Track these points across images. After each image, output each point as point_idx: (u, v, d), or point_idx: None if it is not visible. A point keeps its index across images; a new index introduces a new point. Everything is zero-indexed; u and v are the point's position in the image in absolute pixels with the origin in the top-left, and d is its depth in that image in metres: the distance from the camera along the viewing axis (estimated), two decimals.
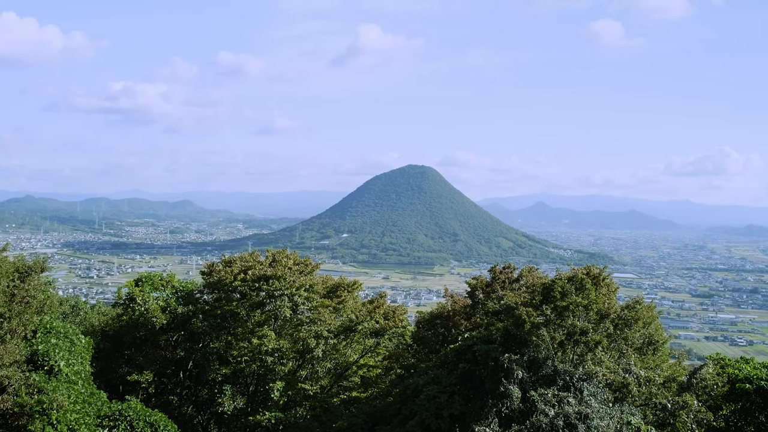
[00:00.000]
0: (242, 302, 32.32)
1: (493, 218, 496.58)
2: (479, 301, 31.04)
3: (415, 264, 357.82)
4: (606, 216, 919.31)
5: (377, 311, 33.92)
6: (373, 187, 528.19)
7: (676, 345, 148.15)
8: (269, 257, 34.10)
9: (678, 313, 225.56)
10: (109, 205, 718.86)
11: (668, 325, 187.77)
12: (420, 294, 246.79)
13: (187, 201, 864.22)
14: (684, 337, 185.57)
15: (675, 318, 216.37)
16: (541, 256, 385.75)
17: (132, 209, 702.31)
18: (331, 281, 35.95)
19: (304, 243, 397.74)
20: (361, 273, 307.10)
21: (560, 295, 24.03)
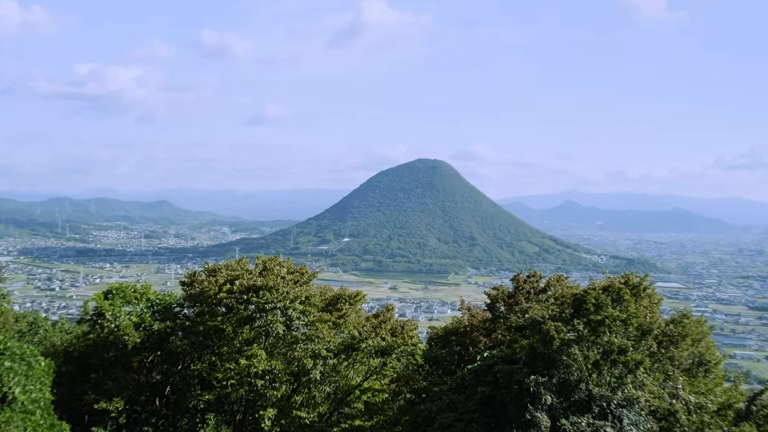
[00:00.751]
0: (228, 317, 32.30)
1: (515, 219, 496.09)
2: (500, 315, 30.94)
3: (427, 272, 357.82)
4: (645, 216, 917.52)
5: (383, 327, 33.84)
6: (378, 184, 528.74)
7: (731, 366, 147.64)
8: (259, 265, 34.07)
9: (733, 329, 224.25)
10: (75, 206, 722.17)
11: (722, 342, 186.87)
12: (432, 307, 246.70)
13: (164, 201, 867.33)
14: (741, 356, 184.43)
15: (729, 334, 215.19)
16: (571, 263, 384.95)
17: (101, 210, 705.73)
18: (331, 292, 35.88)
19: (300, 248, 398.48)
20: (364, 283, 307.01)
21: (594, 307, 23.89)
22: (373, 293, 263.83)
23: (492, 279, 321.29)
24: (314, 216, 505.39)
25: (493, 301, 31.98)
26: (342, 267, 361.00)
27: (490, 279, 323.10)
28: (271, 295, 31.33)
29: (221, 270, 33.58)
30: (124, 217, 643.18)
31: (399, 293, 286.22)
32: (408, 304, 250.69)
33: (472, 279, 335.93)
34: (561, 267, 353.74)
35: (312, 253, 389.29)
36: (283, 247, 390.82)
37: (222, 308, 32.66)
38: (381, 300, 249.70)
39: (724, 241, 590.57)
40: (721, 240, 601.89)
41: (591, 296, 24.30)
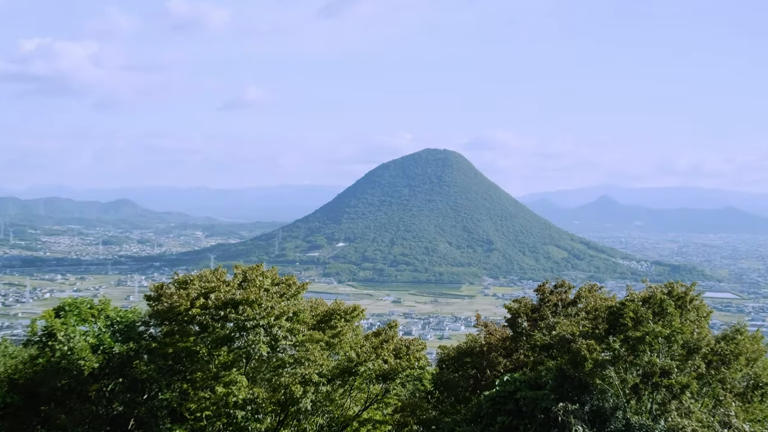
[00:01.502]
0: (202, 337, 32.34)
1: (540, 220, 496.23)
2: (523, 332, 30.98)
3: (436, 282, 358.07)
4: (694, 215, 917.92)
5: (385, 347, 33.87)
6: (379, 179, 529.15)
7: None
8: (238, 276, 34.10)
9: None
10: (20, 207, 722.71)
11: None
12: (443, 323, 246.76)
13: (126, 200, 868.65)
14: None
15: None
16: (605, 270, 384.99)
17: (51, 213, 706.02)
18: (323, 307, 35.90)
19: (286, 255, 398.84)
20: (363, 295, 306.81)
21: (633, 322, 23.92)
22: (373, 307, 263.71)
23: (513, 290, 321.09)
24: (303, 217, 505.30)
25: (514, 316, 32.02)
26: (336, 277, 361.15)
27: (511, 290, 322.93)
28: (252, 310, 31.36)
29: (194, 282, 33.62)
30: (79, 220, 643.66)
31: (403, 307, 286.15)
32: (414, 320, 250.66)
33: (489, 290, 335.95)
34: (594, 275, 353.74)
35: (301, 261, 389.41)
36: (267, 254, 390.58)
37: (195, 327, 32.68)
38: (382, 315, 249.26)
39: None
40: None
41: (629, 309, 24.32)
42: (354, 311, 35.48)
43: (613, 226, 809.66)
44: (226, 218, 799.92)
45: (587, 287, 32.08)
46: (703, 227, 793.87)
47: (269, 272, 34.52)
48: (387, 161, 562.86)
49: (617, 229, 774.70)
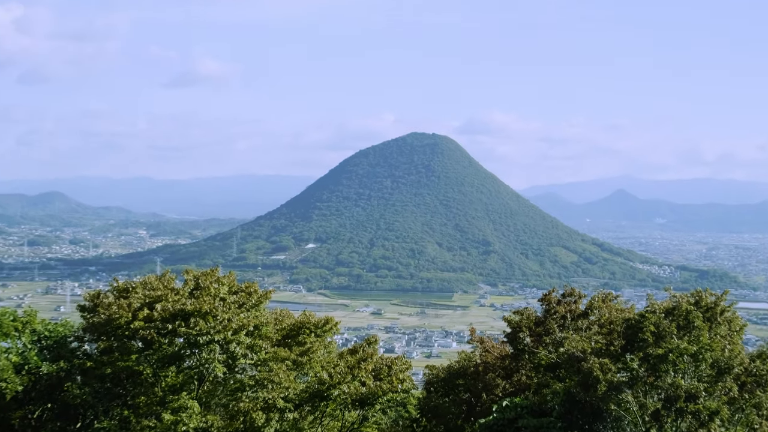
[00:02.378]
0: (146, 355, 32.21)
1: (546, 217, 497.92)
2: (525, 349, 31.08)
3: (424, 291, 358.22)
4: (725, 212, 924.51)
5: (363, 366, 33.87)
6: (356, 169, 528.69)
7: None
8: (190, 282, 33.98)
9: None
10: None
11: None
12: (431, 338, 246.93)
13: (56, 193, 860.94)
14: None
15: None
16: (622, 276, 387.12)
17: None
18: (290, 319, 35.86)
19: (246, 259, 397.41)
20: (337, 305, 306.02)
21: (654, 337, 24.05)
22: (349, 320, 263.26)
23: (513, 299, 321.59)
24: (266, 213, 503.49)
25: (514, 330, 32.10)
26: (306, 284, 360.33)
27: (511, 299, 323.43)
28: (206, 323, 31.27)
29: (136, 289, 33.46)
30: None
31: (385, 320, 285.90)
32: (398, 335, 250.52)
33: (486, 299, 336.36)
34: (609, 282, 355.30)
35: (264, 265, 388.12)
36: (223, 257, 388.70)
37: (137, 343, 32.55)
38: (360, 330, 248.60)
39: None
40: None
41: (649, 322, 24.44)
42: (326, 324, 35.45)
43: (631, 225, 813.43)
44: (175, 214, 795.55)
45: (601, 296, 32.25)
46: (736, 226, 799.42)
47: (226, 278, 34.43)
48: (365, 147, 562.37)
49: (636, 228, 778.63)
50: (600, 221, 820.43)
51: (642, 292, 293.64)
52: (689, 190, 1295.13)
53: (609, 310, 30.67)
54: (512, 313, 33.80)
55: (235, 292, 34.01)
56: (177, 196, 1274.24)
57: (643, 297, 30.94)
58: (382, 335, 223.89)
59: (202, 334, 31.20)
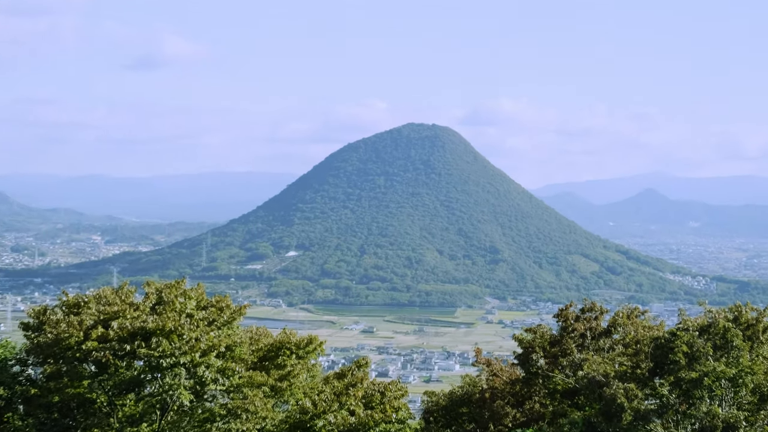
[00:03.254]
0: (101, 380, 32.09)
1: (563, 220, 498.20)
2: (539, 372, 31.01)
3: (422, 305, 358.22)
4: None
5: (352, 393, 33.78)
6: (344, 165, 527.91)
7: None
8: (151, 296, 33.87)
9: None
10: None
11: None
12: (430, 360, 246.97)
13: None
14: None
15: None
16: (650, 289, 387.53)
17: None
18: (268, 339, 35.76)
19: (217, 269, 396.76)
20: (322, 322, 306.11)
21: (687, 359, 24.01)
22: (337, 339, 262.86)
23: (525, 315, 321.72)
24: (240, 216, 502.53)
25: (526, 351, 32.05)
26: (286, 298, 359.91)
27: (523, 315, 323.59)
28: (170, 344, 31.17)
29: (89, 304, 33.33)
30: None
31: (377, 339, 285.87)
32: (392, 357, 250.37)
33: (493, 315, 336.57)
34: (635, 295, 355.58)
35: (238, 276, 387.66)
36: (191, 267, 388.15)
37: (90, 366, 32.41)
38: (348, 350, 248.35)
39: None
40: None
41: (681, 341, 24.41)
42: (309, 344, 35.38)
43: (661, 229, 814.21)
44: (135, 217, 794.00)
45: (626, 312, 32.24)
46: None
47: (193, 291, 34.32)
48: (355, 140, 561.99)
49: (666, 232, 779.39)
50: (625, 225, 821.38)
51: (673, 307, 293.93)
52: (728, 190, 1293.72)
53: (635, 328, 30.66)
54: (524, 331, 33.79)
55: (204, 308, 33.91)
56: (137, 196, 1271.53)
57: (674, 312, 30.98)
58: (373, 357, 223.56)
59: (166, 356, 31.09)
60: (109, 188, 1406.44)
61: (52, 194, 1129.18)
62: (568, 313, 32.63)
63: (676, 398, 24.00)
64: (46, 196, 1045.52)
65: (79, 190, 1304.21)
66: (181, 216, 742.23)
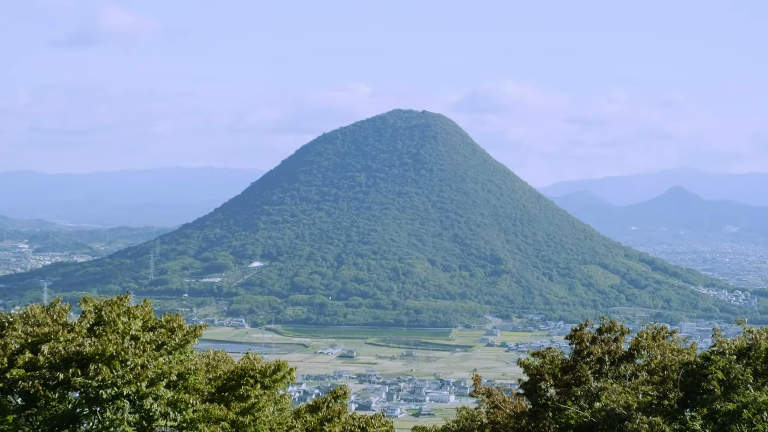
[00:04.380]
0: (28, 415, 32.03)
1: (577, 224, 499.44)
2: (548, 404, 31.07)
3: (411, 325, 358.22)
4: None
5: (328, 429, 33.79)
6: (319, 159, 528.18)
7: None
8: (89, 315, 33.77)
9: None
10: None
11: None
12: (421, 389, 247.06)
13: None
14: None
15: None
16: (680, 305, 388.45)
17: None
18: (228, 365, 35.73)
19: (168, 282, 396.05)
20: (292, 345, 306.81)
21: (722, 387, 24.08)
22: (310, 365, 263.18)
23: (533, 336, 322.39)
24: (195, 220, 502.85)
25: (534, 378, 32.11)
26: (249, 316, 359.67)
27: (529, 337, 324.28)
28: (111, 371, 31.12)
29: (15, 325, 33.25)
30: None
31: (358, 365, 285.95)
32: (375, 386, 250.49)
33: (495, 336, 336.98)
34: (662, 313, 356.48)
35: (192, 291, 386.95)
36: (136, 280, 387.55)
37: (16, 398, 32.34)
38: (324, 378, 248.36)
39: None
40: None
41: (716, 367, 24.47)
42: (277, 372, 35.36)
43: (692, 235, 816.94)
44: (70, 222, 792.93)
45: (651, 332, 32.33)
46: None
47: (139, 309, 34.27)
48: (331, 130, 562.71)
49: (698, 238, 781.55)
50: (650, 229, 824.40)
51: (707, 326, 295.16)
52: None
53: (662, 351, 30.74)
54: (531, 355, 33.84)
55: (152, 328, 33.85)
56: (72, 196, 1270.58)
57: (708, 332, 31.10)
58: (353, 386, 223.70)
59: (106, 386, 31.04)
60: (39, 187, 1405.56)
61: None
62: (583, 333, 32.70)
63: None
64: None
65: (2, 190, 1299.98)
66: (124, 220, 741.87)
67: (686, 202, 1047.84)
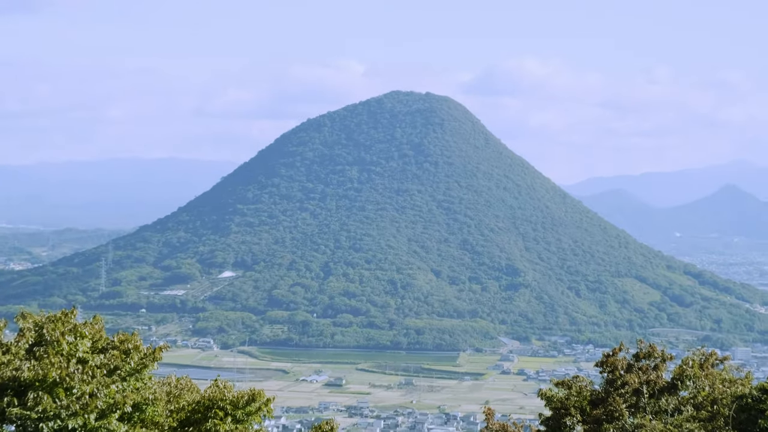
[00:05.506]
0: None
1: (610, 229, 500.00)
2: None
3: (410, 348, 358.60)
4: None
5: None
6: (302, 149, 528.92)
7: None
8: (28, 333, 33.78)
9: None
10: None
11: None
12: (422, 424, 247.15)
13: None
14: None
15: None
16: (733, 327, 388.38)
17: None
18: (194, 394, 35.74)
19: (122, 295, 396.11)
20: (270, 371, 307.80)
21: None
22: (290, 395, 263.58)
23: (556, 363, 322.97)
24: (156, 221, 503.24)
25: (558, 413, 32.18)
26: (219, 336, 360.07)
27: (552, 363, 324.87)
28: (54, 401, 31.13)
29: None
30: None
31: (348, 395, 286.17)
32: (368, 421, 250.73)
33: (511, 362, 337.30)
34: (711, 335, 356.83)
35: (151, 306, 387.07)
36: (84, 292, 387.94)
37: None
38: (307, 411, 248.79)
39: None
40: None
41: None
42: (252, 402, 35.39)
43: (749, 243, 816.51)
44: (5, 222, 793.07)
45: (698, 359, 32.40)
46: None
47: (88, 327, 34.25)
48: (318, 115, 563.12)
49: (755, 246, 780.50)
50: (697, 236, 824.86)
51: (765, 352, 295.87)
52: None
53: (711, 382, 30.80)
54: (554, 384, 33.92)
55: (103, 350, 33.84)
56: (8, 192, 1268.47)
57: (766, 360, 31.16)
58: (342, 420, 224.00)
59: (48, 419, 31.05)
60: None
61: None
62: (617, 360, 32.74)
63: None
64: None
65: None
66: (71, 221, 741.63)
67: (741, 204, 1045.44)
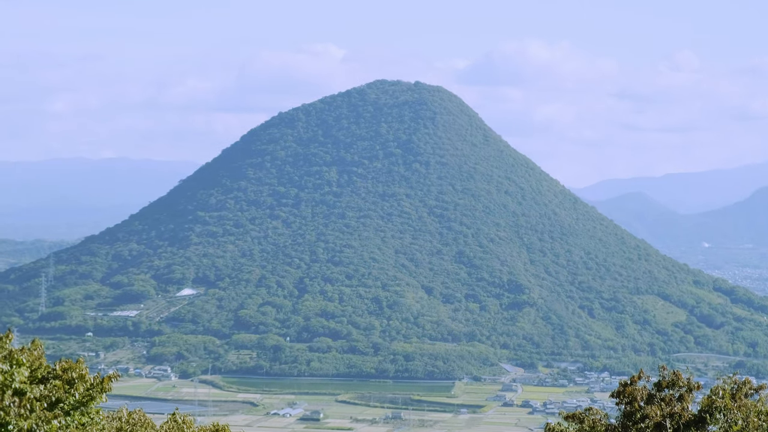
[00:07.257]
0: None
1: (628, 239, 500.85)
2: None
3: (400, 377, 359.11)
4: None
5: None
6: (273, 147, 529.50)
7: None
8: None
9: None
10: None
11: None
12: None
13: None
14: None
15: None
16: None
17: None
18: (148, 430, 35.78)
19: (65, 316, 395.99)
20: (236, 404, 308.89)
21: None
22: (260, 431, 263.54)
23: (566, 393, 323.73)
24: (104, 231, 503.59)
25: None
26: (178, 364, 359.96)
27: (561, 393, 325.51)
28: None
29: None
30: None
31: (326, 430, 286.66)
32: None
33: (514, 393, 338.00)
34: (744, 361, 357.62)
35: (99, 329, 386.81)
36: (21, 313, 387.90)
37: None
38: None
39: None
40: None
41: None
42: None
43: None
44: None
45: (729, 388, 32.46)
46: None
47: (26, 353, 34.22)
48: (290, 108, 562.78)
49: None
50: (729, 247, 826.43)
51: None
52: None
53: (744, 414, 30.85)
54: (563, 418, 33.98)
55: (43, 380, 33.82)
56: None
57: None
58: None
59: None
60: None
61: None
62: (636, 389, 32.79)
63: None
64: None
65: None
66: (6, 231, 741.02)
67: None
